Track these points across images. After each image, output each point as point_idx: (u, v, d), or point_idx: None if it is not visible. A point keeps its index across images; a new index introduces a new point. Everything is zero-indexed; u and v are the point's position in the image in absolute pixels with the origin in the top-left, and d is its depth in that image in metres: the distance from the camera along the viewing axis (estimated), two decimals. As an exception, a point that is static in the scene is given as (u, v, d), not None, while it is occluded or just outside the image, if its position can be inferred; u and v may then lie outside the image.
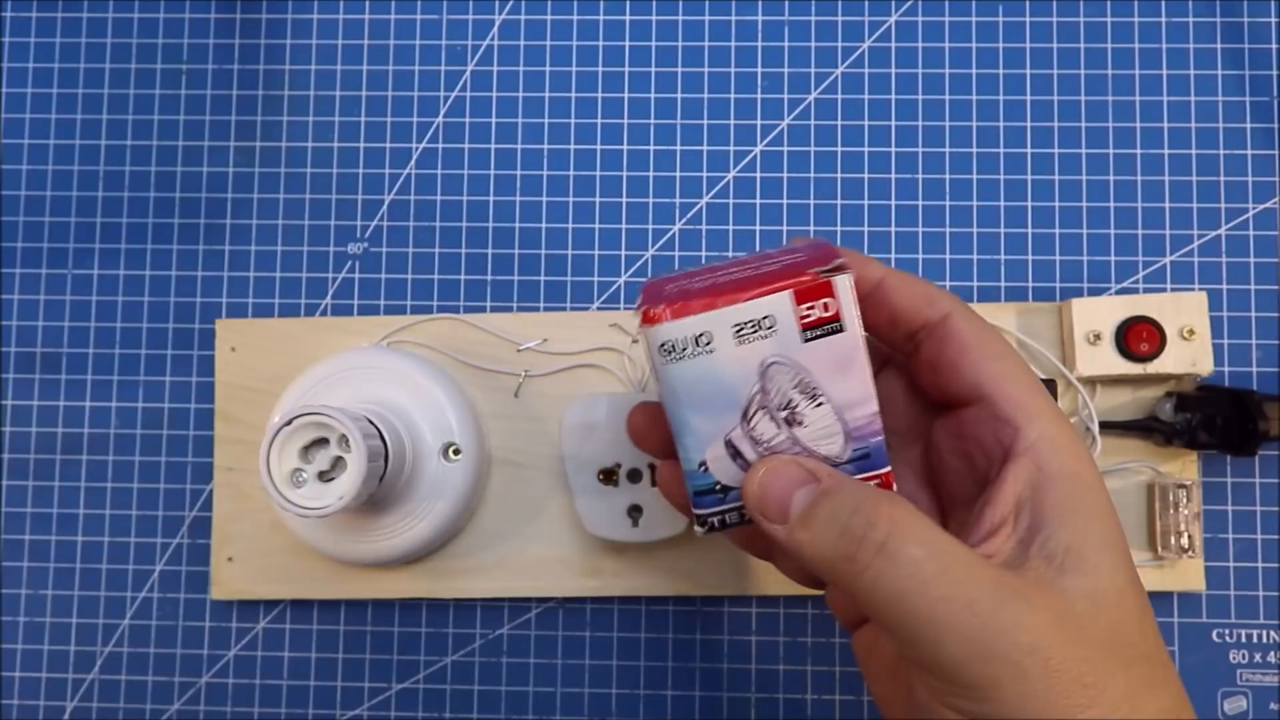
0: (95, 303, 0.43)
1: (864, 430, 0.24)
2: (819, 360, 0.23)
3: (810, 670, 0.40)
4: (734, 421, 0.24)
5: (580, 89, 0.43)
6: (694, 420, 0.24)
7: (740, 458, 0.24)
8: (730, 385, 0.23)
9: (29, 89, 0.44)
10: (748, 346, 0.23)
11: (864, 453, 0.24)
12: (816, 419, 0.24)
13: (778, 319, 0.23)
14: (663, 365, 0.23)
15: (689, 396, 0.24)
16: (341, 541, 0.38)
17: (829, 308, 0.23)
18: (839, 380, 0.23)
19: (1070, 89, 0.42)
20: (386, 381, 0.38)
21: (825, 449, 0.24)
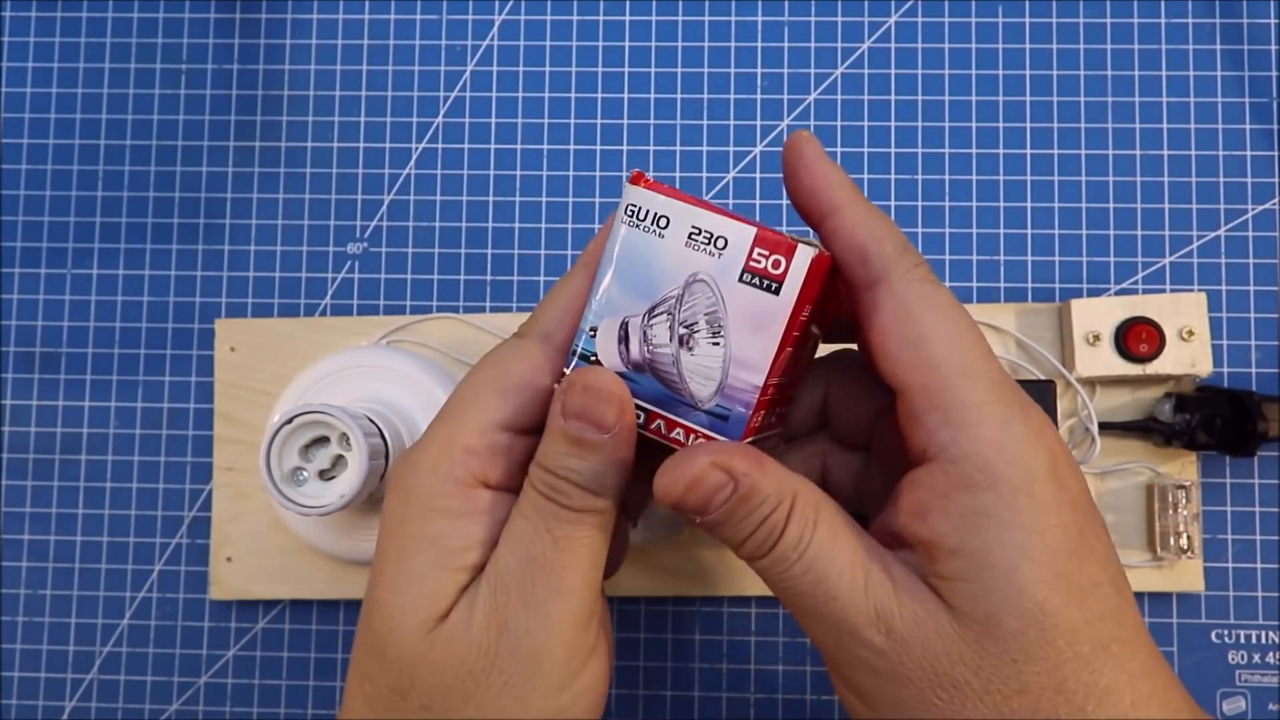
0: (95, 302, 0.43)
1: (738, 394, 0.23)
2: (741, 306, 0.23)
3: (810, 670, 0.40)
4: (640, 308, 0.24)
5: (580, 89, 0.43)
6: (613, 286, 0.24)
7: (624, 344, 0.24)
8: (657, 274, 0.23)
9: (29, 89, 0.44)
10: (691, 252, 0.23)
11: (724, 413, 0.24)
12: (705, 354, 0.23)
13: (730, 246, 0.23)
14: (620, 222, 0.24)
15: (622, 262, 0.24)
16: (341, 540, 0.38)
17: (778, 266, 0.23)
18: (747, 335, 0.23)
19: (1070, 90, 0.42)
20: (386, 380, 0.38)
21: (695, 386, 0.24)
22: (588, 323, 0.24)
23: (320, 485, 0.34)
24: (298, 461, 0.34)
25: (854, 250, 0.24)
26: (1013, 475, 0.22)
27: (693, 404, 0.24)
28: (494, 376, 0.25)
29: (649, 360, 0.24)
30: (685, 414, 0.24)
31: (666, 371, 0.24)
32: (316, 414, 0.33)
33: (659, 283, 0.23)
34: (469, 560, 0.24)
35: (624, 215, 0.23)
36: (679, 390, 0.24)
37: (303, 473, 0.34)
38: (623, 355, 0.24)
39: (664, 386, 0.24)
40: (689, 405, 0.24)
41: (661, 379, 0.24)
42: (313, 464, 0.34)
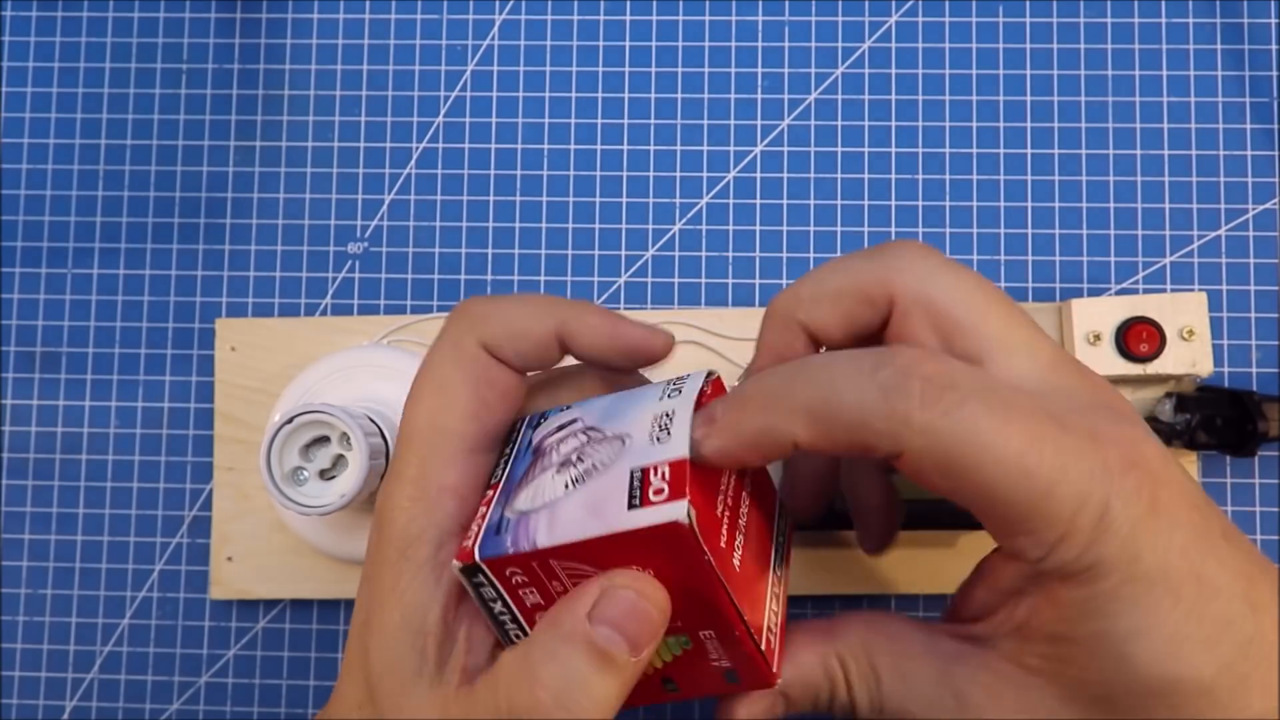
0: (95, 302, 0.43)
1: (520, 534, 0.21)
2: (606, 485, 0.21)
3: (810, 670, 0.40)
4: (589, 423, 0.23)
5: (580, 89, 0.43)
6: (605, 402, 0.24)
7: (557, 432, 0.23)
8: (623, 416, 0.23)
9: (29, 89, 0.44)
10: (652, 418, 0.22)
11: (499, 532, 0.21)
12: (553, 485, 0.22)
13: (669, 442, 0.21)
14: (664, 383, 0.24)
15: (630, 398, 0.23)
16: (342, 540, 0.38)
17: (657, 495, 0.20)
18: (578, 506, 0.21)
19: (1070, 90, 0.42)
20: (387, 379, 0.38)
21: (522, 497, 0.22)
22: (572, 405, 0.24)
23: (320, 485, 0.34)
24: (298, 461, 0.34)
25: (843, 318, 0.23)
26: (1116, 565, 0.20)
27: (506, 502, 0.22)
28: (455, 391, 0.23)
29: (543, 451, 0.23)
30: (498, 502, 0.22)
31: (534, 468, 0.23)
32: (317, 414, 0.33)
33: (615, 419, 0.23)
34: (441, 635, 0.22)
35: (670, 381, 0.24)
36: (521, 485, 0.22)
37: (303, 472, 0.34)
38: (545, 435, 0.23)
39: (521, 473, 0.23)
40: (505, 501, 0.22)
41: (528, 469, 0.23)
42: (313, 464, 0.34)
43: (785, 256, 0.42)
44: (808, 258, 0.42)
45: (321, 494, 0.34)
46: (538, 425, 0.24)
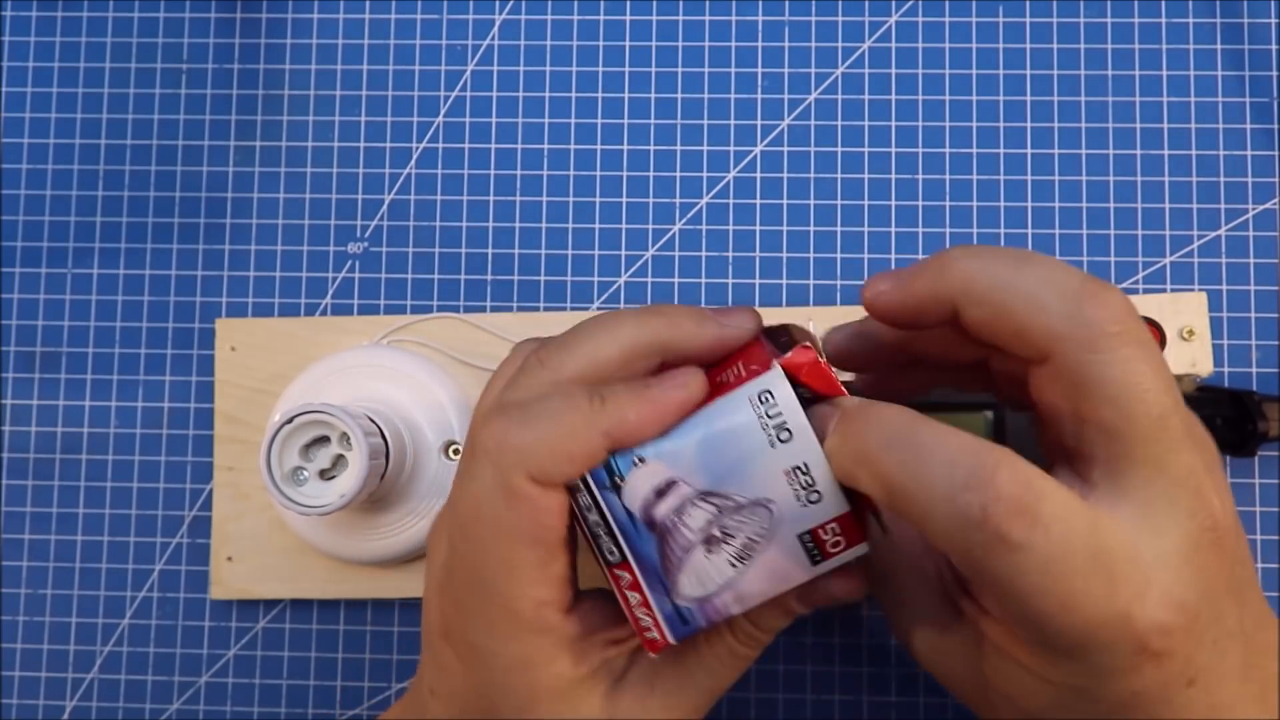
0: (95, 302, 0.43)
1: (710, 613, 0.23)
2: (780, 556, 0.22)
3: (810, 670, 0.40)
4: (698, 484, 0.22)
5: (580, 89, 0.43)
6: (692, 448, 0.22)
7: (660, 497, 0.22)
8: (741, 473, 0.22)
9: (29, 88, 0.44)
10: (785, 483, 0.22)
11: (687, 618, 0.23)
12: (716, 567, 0.23)
13: (819, 505, 0.22)
14: (746, 399, 0.22)
15: (718, 436, 0.22)
16: (342, 540, 0.38)
17: (837, 546, 0.23)
18: (762, 577, 0.23)
19: (1070, 90, 0.42)
20: (387, 380, 0.38)
21: (684, 582, 0.23)
22: (641, 449, 0.23)
23: (321, 485, 0.34)
24: (298, 461, 0.34)
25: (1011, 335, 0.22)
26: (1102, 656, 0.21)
27: (668, 590, 0.23)
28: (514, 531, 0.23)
29: (665, 528, 0.23)
30: (655, 590, 0.23)
31: (671, 550, 0.23)
32: (317, 414, 0.33)
33: (735, 480, 0.22)
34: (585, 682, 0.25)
35: (754, 397, 0.22)
36: (668, 571, 0.23)
37: (303, 472, 0.34)
38: (648, 502, 0.23)
39: (658, 556, 0.23)
40: (664, 588, 0.23)
41: (663, 551, 0.23)
42: (313, 464, 0.34)
43: (785, 256, 0.42)
44: (808, 258, 0.42)
45: (321, 494, 0.34)
46: (609, 486, 0.23)
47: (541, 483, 0.23)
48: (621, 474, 0.23)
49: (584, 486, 0.23)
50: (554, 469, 0.22)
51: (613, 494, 0.23)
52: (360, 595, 0.40)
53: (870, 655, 0.40)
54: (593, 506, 0.23)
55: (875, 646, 0.40)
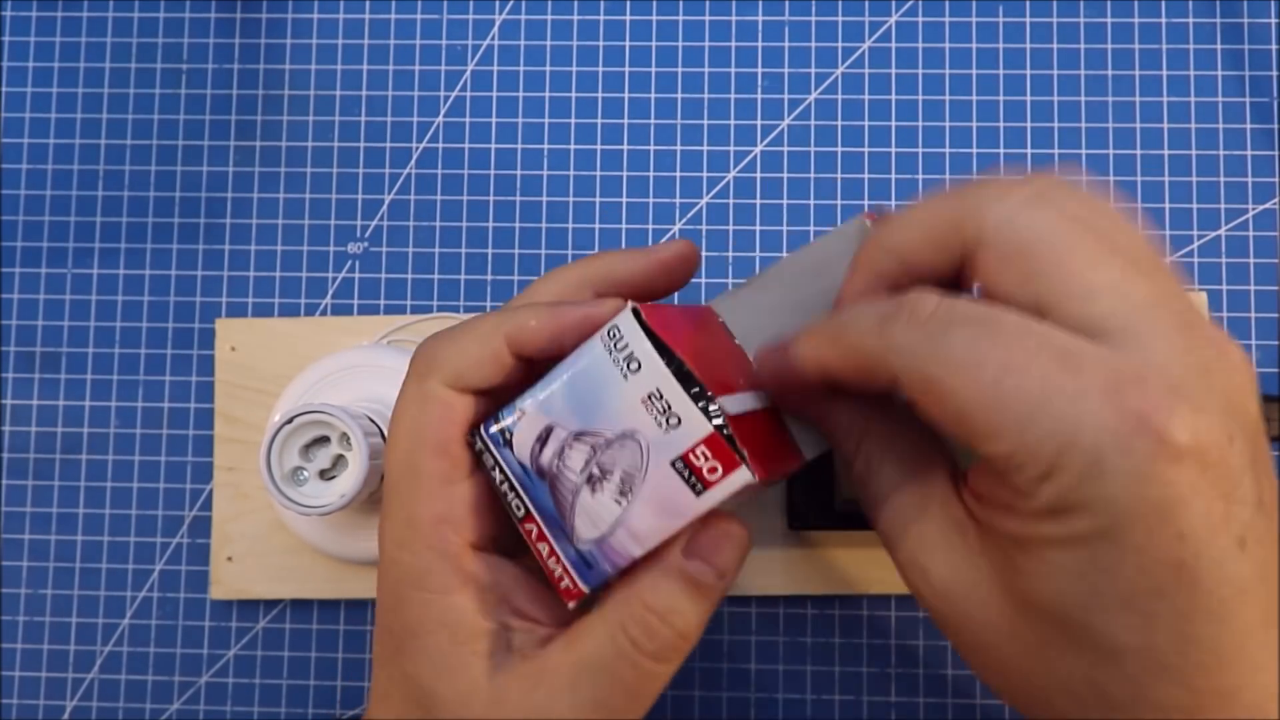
0: (95, 302, 0.43)
1: (611, 555, 0.23)
2: (659, 486, 0.22)
3: (810, 670, 0.40)
4: (571, 425, 0.23)
5: (580, 89, 0.43)
6: (559, 391, 0.23)
7: (541, 444, 0.23)
8: (603, 408, 0.23)
9: (29, 89, 0.44)
10: (643, 411, 0.22)
11: (591, 562, 0.23)
12: (603, 505, 0.23)
13: (681, 429, 0.22)
14: (597, 339, 0.23)
15: (579, 376, 0.23)
16: (342, 540, 0.38)
17: (714, 472, 0.22)
18: (649, 512, 0.23)
19: (1070, 90, 0.42)
20: (387, 379, 0.38)
21: (580, 524, 0.23)
22: (522, 401, 0.24)
23: (320, 485, 0.34)
24: (298, 461, 0.34)
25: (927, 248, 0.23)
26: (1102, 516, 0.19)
27: (569, 536, 0.24)
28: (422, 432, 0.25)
29: (553, 474, 0.24)
30: (558, 538, 0.24)
31: (562, 495, 0.23)
32: (317, 414, 0.33)
33: (600, 416, 0.23)
34: (481, 633, 0.24)
35: (604, 335, 0.23)
36: (564, 516, 0.24)
37: (303, 472, 0.34)
38: (534, 453, 0.24)
39: (554, 504, 0.24)
40: (565, 535, 0.24)
41: (555, 498, 0.24)
42: (313, 464, 0.34)
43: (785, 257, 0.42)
44: (808, 258, 0.42)
45: (321, 494, 0.34)
46: (502, 442, 0.24)
47: (456, 388, 0.24)
48: (510, 430, 0.24)
49: (485, 447, 0.24)
50: (466, 372, 0.24)
51: (507, 449, 0.24)
52: (360, 595, 0.40)
53: (870, 655, 0.40)
54: (495, 465, 0.24)
55: (875, 646, 0.40)
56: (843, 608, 0.40)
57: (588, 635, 0.24)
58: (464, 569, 0.24)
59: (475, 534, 0.25)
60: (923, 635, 0.40)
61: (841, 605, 0.40)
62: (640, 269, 0.26)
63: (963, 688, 0.40)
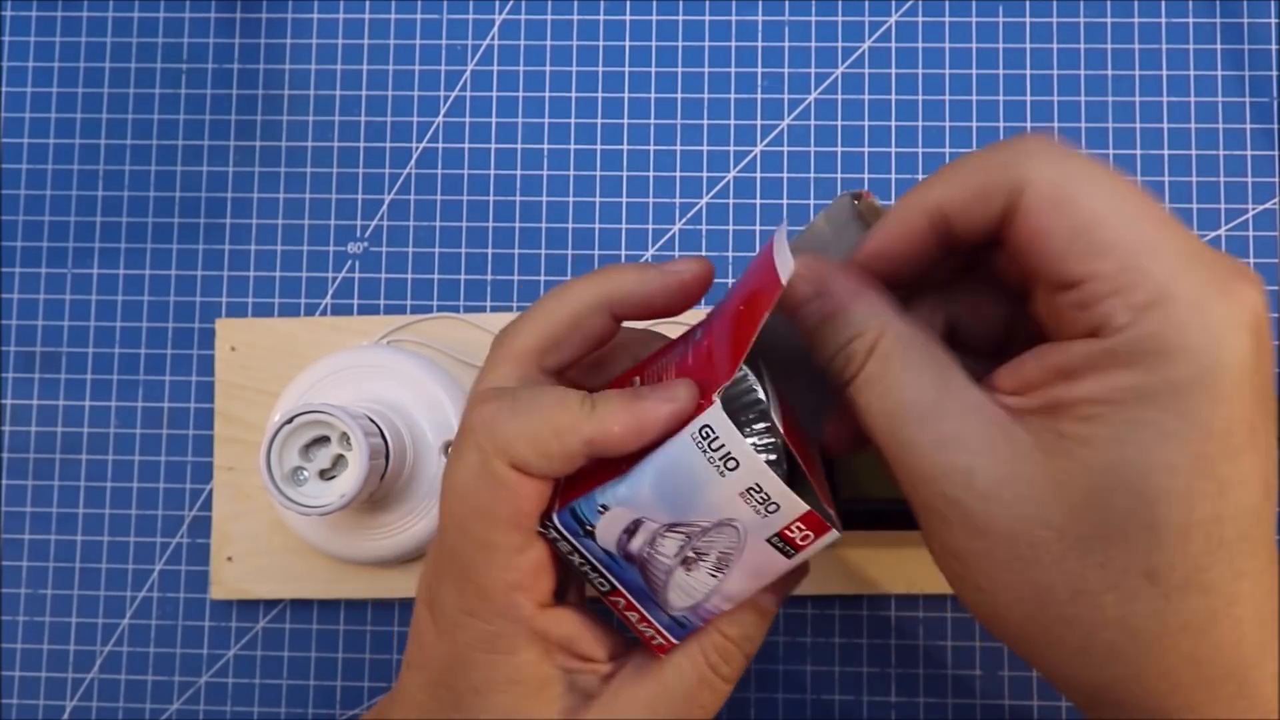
0: (95, 302, 0.43)
1: (705, 613, 0.25)
2: (755, 557, 0.23)
3: (810, 670, 0.40)
4: (661, 519, 0.23)
5: (580, 89, 0.43)
6: (647, 487, 0.23)
7: (629, 535, 0.24)
8: (698, 502, 0.23)
9: (29, 88, 0.44)
10: (742, 503, 0.23)
11: (684, 622, 0.25)
12: (699, 581, 0.24)
13: (778, 513, 0.23)
14: (689, 438, 0.23)
15: (669, 472, 0.23)
16: (342, 540, 0.38)
17: (806, 540, 0.23)
18: (743, 577, 0.24)
19: (1070, 89, 0.42)
20: (387, 380, 0.38)
21: (674, 597, 0.24)
22: (601, 496, 0.24)
23: (320, 485, 0.34)
24: (298, 461, 0.34)
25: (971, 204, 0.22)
26: (1194, 364, 0.19)
27: (660, 606, 0.25)
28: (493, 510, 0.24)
29: (643, 559, 0.24)
30: (649, 608, 0.25)
31: (654, 575, 0.24)
32: (317, 414, 0.33)
33: (693, 509, 0.23)
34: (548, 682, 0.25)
35: (696, 434, 0.22)
36: (656, 591, 0.24)
37: (303, 472, 0.34)
38: (621, 542, 0.24)
39: (643, 582, 0.24)
40: (656, 605, 0.25)
41: (646, 576, 0.24)
42: (313, 464, 0.34)
43: (785, 256, 0.42)
44: (808, 258, 0.42)
45: (321, 494, 0.34)
46: (582, 534, 0.24)
47: (522, 471, 0.24)
48: (590, 521, 0.24)
49: (560, 536, 0.24)
50: (535, 462, 0.23)
51: (589, 539, 0.24)
52: (360, 595, 0.40)
53: (870, 655, 0.40)
54: (573, 551, 0.24)
55: (875, 646, 0.40)
56: (843, 608, 0.40)
57: (667, 666, 0.25)
58: (533, 629, 0.25)
59: (545, 593, 0.25)
60: (923, 635, 0.40)
61: (841, 605, 0.40)
62: (659, 290, 0.26)
63: (963, 688, 0.40)
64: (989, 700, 0.39)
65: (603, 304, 0.26)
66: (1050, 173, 0.21)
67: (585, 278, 0.26)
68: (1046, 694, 0.39)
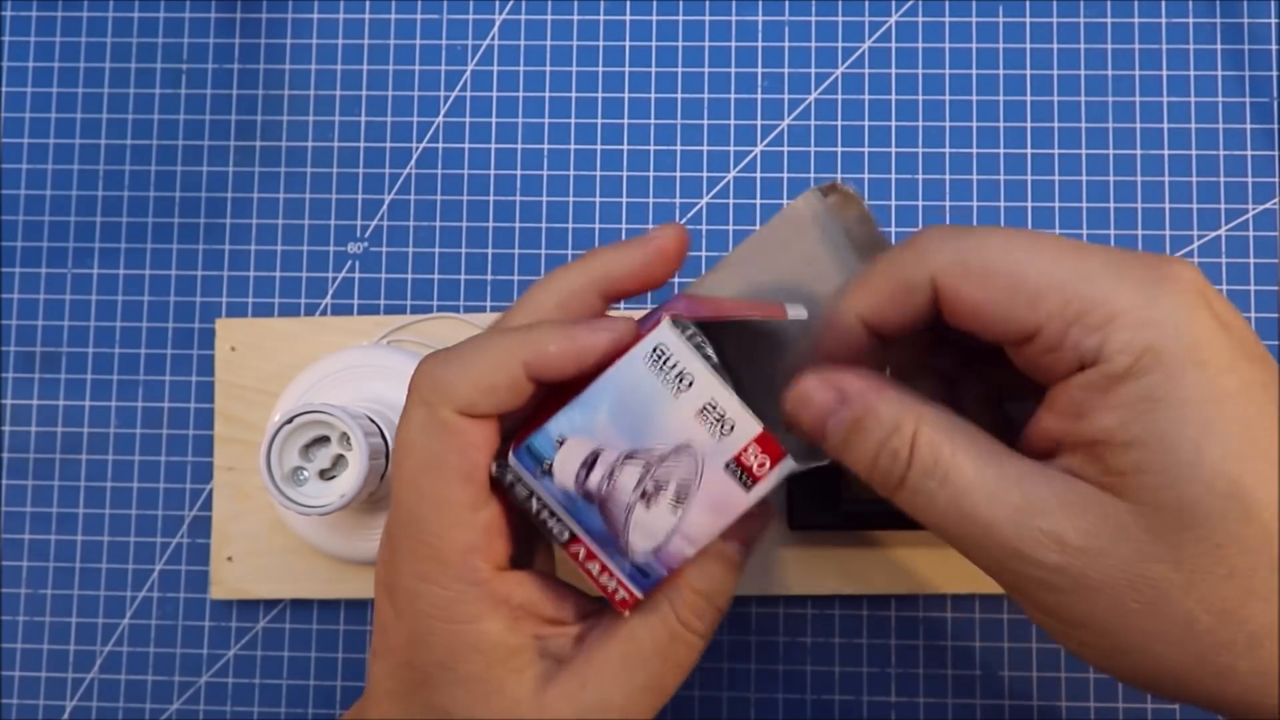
0: (95, 302, 0.43)
1: (668, 559, 0.24)
2: (712, 489, 0.23)
3: (810, 670, 0.40)
4: (620, 446, 0.23)
5: (580, 89, 0.43)
6: (604, 413, 0.23)
7: (588, 469, 0.24)
8: (655, 426, 0.23)
9: (29, 89, 0.44)
10: (698, 424, 0.23)
11: (647, 571, 0.24)
12: (659, 516, 0.24)
13: (733, 434, 0.23)
14: (641, 357, 0.23)
15: (625, 395, 0.23)
16: (342, 540, 0.38)
17: (762, 468, 0.23)
18: (702, 513, 0.24)
19: (1070, 90, 0.42)
20: (387, 379, 0.38)
21: (635, 539, 0.24)
22: (555, 427, 0.23)
23: (321, 485, 0.34)
24: (298, 461, 0.34)
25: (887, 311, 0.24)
26: (1176, 348, 0.20)
27: (623, 551, 0.24)
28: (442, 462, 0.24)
29: (602, 496, 0.24)
30: (611, 555, 0.24)
31: (614, 513, 0.24)
32: (317, 414, 0.33)
33: (651, 433, 0.23)
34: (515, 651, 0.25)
35: (649, 353, 0.23)
36: (616, 534, 0.24)
37: (303, 472, 0.34)
38: (579, 478, 0.24)
39: (603, 524, 0.24)
40: (618, 550, 0.24)
41: (606, 517, 0.24)
42: (313, 464, 0.34)
43: (785, 256, 0.42)
44: (808, 258, 0.42)
45: (321, 494, 0.34)
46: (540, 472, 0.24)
47: (470, 415, 0.24)
48: (548, 457, 0.24)
49: (517, 478, 0.24)
50: (480, 400, 0.23)
51: (546, 478, 0.24)
52: (360, 595, 0.40)
53: (870, 655, 0.40)
54: (530, 495, 0.24)
55: (875, 646, 0.40)
56: (843, 608, 0.40)
57: (636, 623, 0.25)
58: (494, 594, 0.24)
59: (502, 557, 0.25)
60: (923, 635, 0.40)
61: (841, 605, 0.40)
62: (640, 262, 0.26)
63: (963, 688, 0.40)
64: (989, 700, 0.39)
65: (589, 287, 0.26)
66: (955, 255, 0.22)
67: (567, 265, 0.26)
68: (1047, 694, 0.39)
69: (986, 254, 0.22)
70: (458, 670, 0.24)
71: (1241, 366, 0.20)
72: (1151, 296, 0.20)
